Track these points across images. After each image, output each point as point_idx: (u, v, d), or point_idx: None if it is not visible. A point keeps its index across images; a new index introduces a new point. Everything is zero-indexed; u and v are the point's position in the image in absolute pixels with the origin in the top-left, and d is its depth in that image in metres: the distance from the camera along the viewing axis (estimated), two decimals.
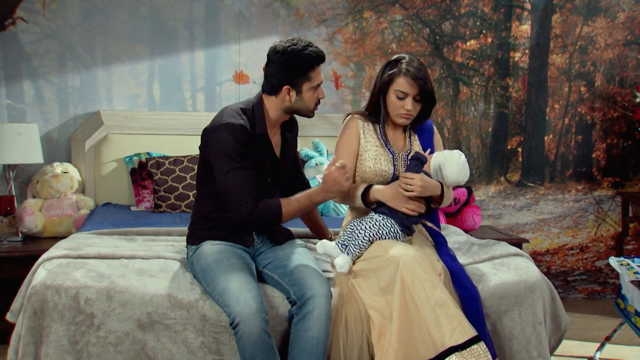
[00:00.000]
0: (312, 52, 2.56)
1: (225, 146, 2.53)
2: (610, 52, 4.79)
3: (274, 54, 2.58)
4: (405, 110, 2.67)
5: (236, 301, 2.34)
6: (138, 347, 2.45)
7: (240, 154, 2.53)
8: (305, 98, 2.61)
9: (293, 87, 2.59)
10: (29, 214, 3.88)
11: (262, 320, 2.33)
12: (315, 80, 2.60)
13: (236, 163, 2.52)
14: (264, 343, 2.31)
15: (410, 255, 2.45)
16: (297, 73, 2.56)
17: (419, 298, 2.36)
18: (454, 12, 4.70)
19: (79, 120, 4.32)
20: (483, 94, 4.78)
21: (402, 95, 2.66)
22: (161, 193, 3.97)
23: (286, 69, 2.55)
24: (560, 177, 4.89)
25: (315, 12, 4.53)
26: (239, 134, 2.53)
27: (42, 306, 2.45)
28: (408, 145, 2.79)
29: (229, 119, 2.56)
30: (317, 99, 2.65)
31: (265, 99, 2.65)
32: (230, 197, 2.55)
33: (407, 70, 2.64)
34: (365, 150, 2.75)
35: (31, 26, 4.23)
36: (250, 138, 2.58)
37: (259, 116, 2.62)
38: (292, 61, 2.54)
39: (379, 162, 2.73)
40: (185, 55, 4.43)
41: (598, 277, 4.93)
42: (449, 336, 2.32)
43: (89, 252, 2.70)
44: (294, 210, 2.60)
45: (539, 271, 2.80)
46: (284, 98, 2.61)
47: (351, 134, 2.75)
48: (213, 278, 2.48)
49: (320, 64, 2.60)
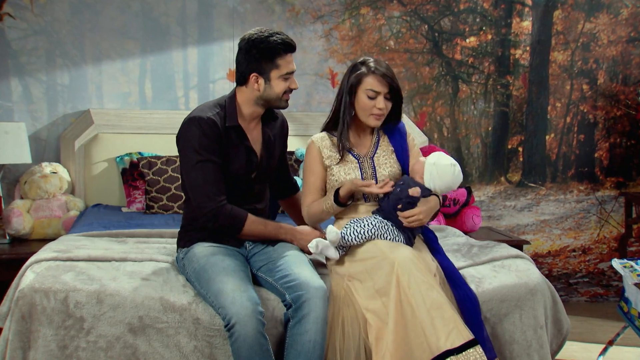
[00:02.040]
0: (278, 39, 2.59)
1: (191, 139, 2.58)
2: (613, 49, 4.80)
3: (241, 42, 2.64)
4: (377, 109, 2.68)
5: (232, 302, 2.34)
6: (129, 352, 2.43)
7: (207, 148, 2.58)
8: (275, 86, 2.63)
9: (260, 74, 2.62)
10: (17, 216, 3.86)
11: (258, 321, 2.32)
12: (284, 68, 2.62)
13: (201, 156, 2.57)
14: (260, 345, 2.31)
15: (406, 256, 2.44)
16: (263, 59, 2.59)
17: (415, 300, 2.35)
18: (453, 8, 4.71)
19: (68, 119, 4.29)
20: (483, 92, 4.79)
21: (373, 94, 2.67)
22: (153, 194, 3.96)
23: (252, 56, 2.60)
24: (562, 177, 4.90)
25: (311, 8, 4.54)
26: (205, 127, 2.58)
27: (30, 310, 2.44)
28: (373, 147, 2.81)
29: (198, 113, 2.62)
30: (288, 88, 2.66)
31: (238, 91, 2.70)
32: (194, 191, 2.60)
33: (376, 68, 2.67)
34: (331, 167, 2.76)
35: (18, 22, 4.21)
36: (219, 131, 2.61)
37: (231, 109, 2.67)
38: (257, 47, 2.58)
39: (345, 172, 2.74)
40: (177, 53, 4.42)
41: (601, 280, 4.93)
42: (445, 339, 2.31)
43: (79, 254, 2.69)
44: (256, 230, 2.66)
45: (540, 273, 2.79)
46: (253, 87, 2.64)
47: (313, 158, 2.77)
48: (207, 280, 2.47)
49: (288, 52, 2.62)
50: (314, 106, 4.54)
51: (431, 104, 4.72)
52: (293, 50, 2.63)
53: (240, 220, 2.61)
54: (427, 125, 4.72)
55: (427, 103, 4.72)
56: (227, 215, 2.58)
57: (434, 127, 4.75)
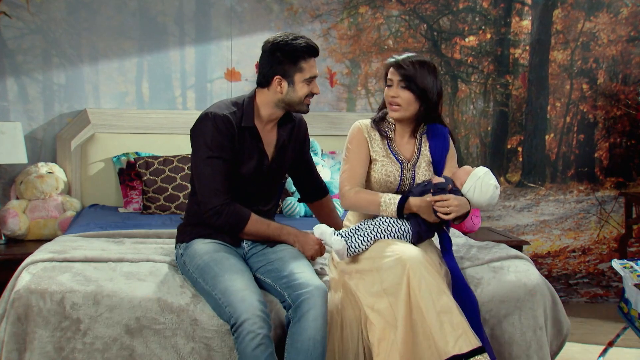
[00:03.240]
0: (302, 42, 2.61)
1: (205, 135, 2.59)
2: (613, 48, 4.79)
3: (265, 45, 2.65)
4: (390, 97, 2.68)
5: (241, 300, 2.35)
6: (126, 354, 2.43)
7: (219, 144, 2.58)
8: (298, 90, 2.64)
9: (284, 77, 2.62)
10: (13, 216, 3.84)
11: (266, 323, 2.34)
12: (307, 72, 2.63)
13: (212, 152, 2.58)
14: (266, 347, 2.31)
15: (418, 258, 2.44)
16: (287, 62, 2.60)
17: (425, 303, 2.36)
18: (452, 7, 4.71)
19: (64, 118, 4.28)
20: (482, 92, 4.79)
21: (390, 82, 2.69)
22: (150, 194, 3.95)
23: (276, 59, 2.60)
24: (561, 178, 4.89)
25: (309, 7, 4.53)
26: (220, 124, 2.58)
27: (26, 311, 2.43)
28: (416, 153, 2.77)
29: (214, 110, 2.63)
30: (310, 92, 2.67)
31: (259, 93, 2.69)
32: (201, 186, 2.61)
33: (393, 57, 2.71)
34: (375, 160, 2.74)
35: (14, 21, 4.19)
36: (233, 130, 2.61)
37: (248, 109, 2.67)
38: (282, 50, 2.59)
39: (385, 173, 2.72)
40: (175, 52, 4.41)
41: (601, 281, 4.92)
42: (453, 344, 2.32)
43: (75, 255, 2.69)
44: (259, 230, 2.65)
45: (540, 274, 2.78)
46: (275, 89, 2.64)
47: (360, 142, 2.74)
48: (213, 276, 2.47)
49: (312, 56, 2.64)
50: (313, 105, 4.49)
51: None
52: (316, 55, 2.65)
53: (244, 219, 2.61)
54: None
55: None
56: (230, 213, 2.58)
57: None
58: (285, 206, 3.94)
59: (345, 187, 2.68)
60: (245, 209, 2.63)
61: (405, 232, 2.61)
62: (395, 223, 2.61)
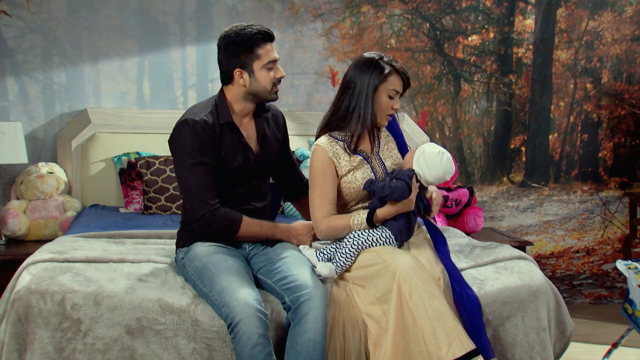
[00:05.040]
0: (253, 29, 2.58)
1: (183, 143, 2.57)
2: (617, 47, 4.80)
3: (219, 41, 2.64)
4: (393, 109, 2.64)
5: (236, 300, 2.34)
6: (127, 354, 2.42)
7: (200, 150, 2.57)
8: (260, 78, 2.62)
9: (243, 68, 2.60)
10: (13, 216, 3.84)
11: (262, 323, 2.32)
12: (264, 57, 2.60)
13: (194, 159, 2.56)
14: (264, 347, 2.30)
15: (408, 264, 2.42)
16: (243, 53, 2.59)
17: (417, 309, 2.34)
18: (455, 6, 4.71)
19: (65, 118, 4.29)
20: (485, 91, 4.80)
21: (394, 93, 2.62)
22: (151, 194, 3.94)
23: (231, 52, 2.59)
24: (565, 178, 4.89)
25: (311, 6, 4.53)
26: (199, 129, 2.56)
27: (27, 312, 2.43)
28: (376, 141, 2.74)
29: (190, 116, 2.60)
30: (275, 78, 2.64)
31: (226, 90, 2.69)
32: (188, 195, 2.59)
33: (396, 67, 2.62)
34: (346, 174, 2.66)
35: (15, 20, 4.19)
36: (213, 132, 2.60)
37: (222, 107, 2.66)
38: (234, 41, 2.58)
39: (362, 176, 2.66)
40: (176, 51, 4.42)
41: (605, 281, 4.93)
42: (446, 349, 2.30)
43: (76, 255, 2.68)
44: (252, 232, 2.65)
45: (543, 275, 2.78)
46: (238, 83, 2.63)
47: (325, 166, 2.64)
48: (210, 277, 2.47)
49: (267, 40, 2.61)
50: (315, 105, 4.52)
51: (433, 103, 4.72)
52: (271, 40, 2.62)
53: (236, 223, 2.60)
54: (429, 125, 4.71)
55: (429, 102, 4.71)
56: (221, 219, 2.58)
57: (436, 127, 4.74)
58: (287, 206, 3.94)
59: (317, 220, 2.63)
60: (236, 213, 2.61)
61: (386, 237, 2.59)
62: (374, 232, 2.58)
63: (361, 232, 2.59)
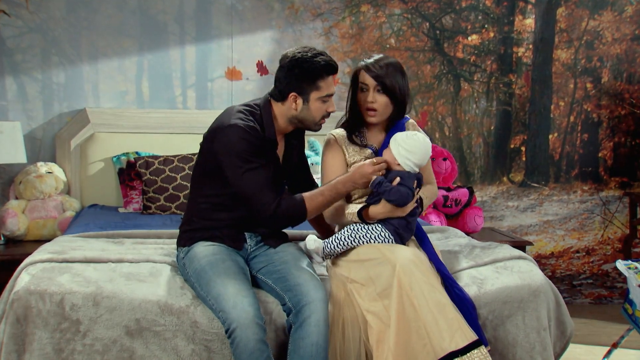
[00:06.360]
0: (322, 60, 2.55)
1: (236, 148, 2.52)
2: (618, 47, 4.79)
3: (283, 60, 2.59)
4: (368, 102, 2.68)
5: (233, 306, 2.33)
6: (126, 355, 2.42)
7: (253, 154, 2.54)
8: (312, 108, 2.60)
9: (300, 94, 2.58)
10: (12, 216, 3.83)
11: (259, 328, 2.32)
12: (324, 90, 2.58)
13: (250, 163, 2.52)
14: (261, 352, 2.30)
15: (407, 258, 2.44)
16: (304, 80, 2.55)
17: (418, 302, 2.36)
18: (454, 5, 4.71)
19: (64, 118, 4.28)
20: (485, 91, 4.79)
21: (365, 87, 2.69)
22: (150, 194, 3.94)
23: (294, 75, 2.55)
24: (565, 177, 4.89)
25: (310, 5, 4.53)
26: (249, 136, 2.53)
27: (26, 312, 2.42)
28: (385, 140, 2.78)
29: (238, 121, 2.55)
30: (325, 111, 2.63)
31: (274, 105, 2.65)
32: (251, 199, 2.54)
33: (365, 62, 2.71)
34: (353, 163, 2.72)
35: (13, 20, 4.19)
36: (260, 139, 2.57)
37: (268, 120, 2.63)
38: (301, 67, 2.53)
39: None
40: (175, 51, 4.42)
41: (605, 281, 4.92)
42: (449, 340, 2.32)
43: (75, 255, 2.68)
44: (319, 204, 2.59)
45: (543, 275, 2.78)
46: (290, 106, 2.60)
47: (335, 154, 2.75)
48: (207, 281, 2.46)
49: (331, 74, 2.59)
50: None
51: (432, 103, 4.72)
52: (335, 72, 2.61)
53: (301, 206, 2.56)
54: (429, 125, 4.71)
55: (429, 102, 4.71)
56: (286, 209, 2.54)
57: (436, 127, 4.74)
58: None
59: None
60: (295, 197, 2.58)
61: (385, 237, 2.60)
62: (373, 230, 2.60)
63: (362, 226, 2.60)
